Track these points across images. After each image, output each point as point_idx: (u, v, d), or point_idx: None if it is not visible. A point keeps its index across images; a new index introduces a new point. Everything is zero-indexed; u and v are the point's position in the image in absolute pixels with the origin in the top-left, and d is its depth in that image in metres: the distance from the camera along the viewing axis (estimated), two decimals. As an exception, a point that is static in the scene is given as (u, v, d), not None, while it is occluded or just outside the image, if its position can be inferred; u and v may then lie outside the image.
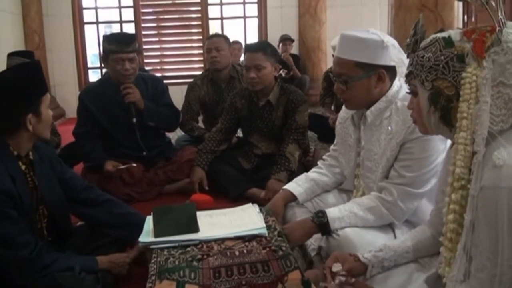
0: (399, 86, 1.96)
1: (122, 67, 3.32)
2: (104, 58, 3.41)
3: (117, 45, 3.30)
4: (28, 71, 1.98)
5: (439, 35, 1.30)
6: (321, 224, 1.93)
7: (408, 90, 1.88)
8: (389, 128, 1.92)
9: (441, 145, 1.82)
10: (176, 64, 8.33)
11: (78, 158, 3.68)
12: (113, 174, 3.31)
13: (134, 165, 3.37)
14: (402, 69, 1.99)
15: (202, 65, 7.98)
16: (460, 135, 1.22)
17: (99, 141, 3.45)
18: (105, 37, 3.48)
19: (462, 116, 1.21)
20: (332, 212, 1.94)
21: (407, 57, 1.41)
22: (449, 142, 1.70)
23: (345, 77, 1.92)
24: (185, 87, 4.39)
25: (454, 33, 1.27)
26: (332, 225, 1.91)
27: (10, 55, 3.79)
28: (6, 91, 1.88)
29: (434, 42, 1.29)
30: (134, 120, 3.41)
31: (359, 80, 1.91)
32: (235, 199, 3.16)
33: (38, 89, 1.96)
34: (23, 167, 1.99)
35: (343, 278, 1.50)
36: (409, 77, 1.38)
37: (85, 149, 3.45)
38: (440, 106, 1.29)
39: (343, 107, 2.21)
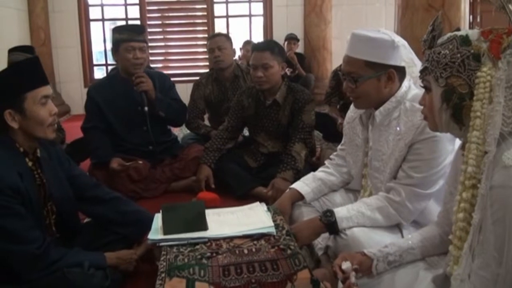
0: (408, 87, 1.96)
1: (133, 56, 3.34)
2: (115, 49, 3.42)
3: (129, 34, 3.34)
4: (14, 68, 1.98)
5: (457, 33, 1.31)
6: (329, 224, 1.93)
7: (416, 91, 1.91)
8: (398, 128, 1.92)
9: (449, 146, 1.82)
10: (181, 62, 8.34)
11: (85, 155, 3.70)
12: (119, 173, 3.33)
13: (140, 162, 3.38)
14: (412, 69, 1.99)
15: (207, 63, 7.97)
16: (473, 134, 1.22)
17: (106, 136, 3.46)
18: (115, 28, 3.51)
19: (476, 115, 1.22)
20: (340, 212, 1.94)
21: (423, 53, 1.41)
22: (457, 143, 1.70)
23: (354, 75, 1.92)
24: (189, 85, 4.40)
25: (471, 33, 1.28)
26: (340, 225, 1.91)
27: (11, 51, 3.79)
28: None
29: (451, 40, 1.30)
30: (146, 108, 3.41)
31: (368, 79, 1.90)
32: (241, 197, 3.17)
33: (18, 85, 1.90)
34: (30, 163, 2.00)
35: (353, 279, 1.51)
36: (423, 72, 1.39)
37: (92, 145, 3.46)
38: (452, 103, 1.30)
39: (351, 106, 2.21)
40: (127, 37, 3.33)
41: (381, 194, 1.97)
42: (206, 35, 8.05)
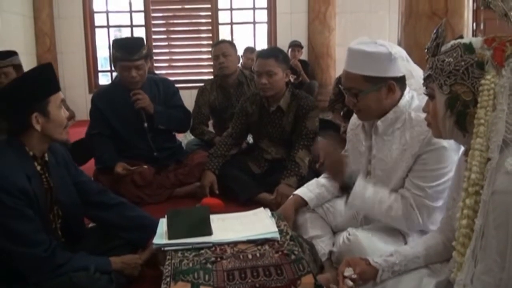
0: (411, 97, 1.96)
1: (129, 75, 3.36)
2: (113, 64, 3.47)
3: (123, 53, 3.33)
4: (36, 72, 2.02)
5: (460, 41, 1.32)
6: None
7: (418, 102, 1.92)
8: (402, 139, 1.91)
9: (455, 156, 1.81)
10: (185, 68, 8.37)
11: (86, 157, 3.72)
12: (123, 177, 3.34)
13: (145, 166, 3.40)
14: (410, 81, 2.00)
15: (211, 70, 7.99)
16: (477, 141, 1.23)
17: (111, 142, 3.49)
18: (113, 43, 3.50)
19: (480, 122, 1.23)
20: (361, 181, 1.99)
21: (427, 61, 1.42)
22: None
23: (355, 91, 1.93)
24: (194, 91, 4.42)
25: (475, 40, 1.30)
26: (356, 187, 1.97)
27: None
28: (12, 91, 1.93)
29: (455, 48, 1.32)
30: (146, 125, 3.45)
31: (369, 93, 1.91)
32: (245, 203, 3.18)
33: (43, 89, 1.97)
34: (38, 167, 2.02)
35: (350, 283, 1.52)
36: (427, 80, 1.40)
37: (97, 151, 3.49)
38: (456, 111, 1.31)
39: (354, 113, 2.21)
40: (121, 56, 3.33)
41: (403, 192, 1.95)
42: (210, 42, 8.09)
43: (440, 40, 1.38)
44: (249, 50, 7.25)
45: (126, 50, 3.33)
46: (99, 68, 8.31)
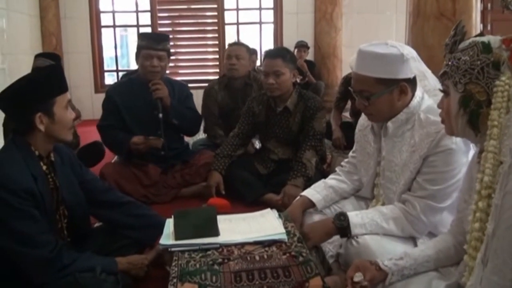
0: (421, 97, 1.94)
1: (150, 64, 3.41)
2: (137, 54, 3.52)
3: (148, 42, 3.43)
4: (43, 73, 2.02)
5: (478, 39, 1.31)
6: (342, 228, 1.92)
7: (430, 101, 1.90)
8: (412, 141, 1.90)
9: (463, 158, 1.79)
10: (191, 68, 8.36)
11: (93, 160, 3.73)
12: (139, 146, 3.36)
13: (161, 139, 3.40)
14: (424, 83, 1.98)
15: (217, 70, 8.00)
16: (490, 143, 1.22)
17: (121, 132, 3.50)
18: (140, 34, 3.74)
19: (493, 124, 1.21)
20: (354, 218, 1.92)
21: (444, 57, 1.40)
22: (471, 155, 1.69)
23: (367, 94, 1.90)
24: (199, 91, 4.40)
25: (493, 40, 1.28)
26: (352, 231, 1.90)
27: (37, 56, 3.87)
28: (18, 91, 1.91)
29: (472, 46, 1.30)
30: (160, 115, 3.43)
31: (381, 95, 1.89)
32: (251, 204, 3.17)
33: (49, 89, 1.96)
34: (44, 167, 2.01)
35: None
36: (443, 77, 1.39)
37: (110, 139, 3.53)
38: (469, 110, 1.30)
39: (363, 114, 2.20)
40: (146, 44, 3.43)
41: (397, 204, 1.94)
42: (216, 42, 8.09)
43: (458, 37, 1.36)
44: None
45: (152, 39, 3.46)
46: (105, 68, 8.30)
